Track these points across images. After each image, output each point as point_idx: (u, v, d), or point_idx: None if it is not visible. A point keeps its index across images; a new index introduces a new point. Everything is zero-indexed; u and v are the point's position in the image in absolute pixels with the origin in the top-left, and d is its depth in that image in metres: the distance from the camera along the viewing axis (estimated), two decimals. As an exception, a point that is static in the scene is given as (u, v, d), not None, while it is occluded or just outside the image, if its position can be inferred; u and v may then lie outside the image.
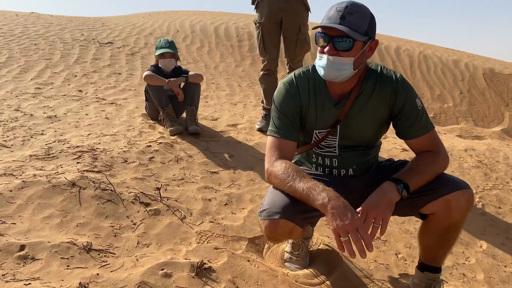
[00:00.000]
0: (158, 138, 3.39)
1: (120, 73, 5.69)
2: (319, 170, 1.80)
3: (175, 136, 3.49)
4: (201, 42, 8.16)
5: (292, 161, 1.87)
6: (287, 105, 1.68)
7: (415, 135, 1.64)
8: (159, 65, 3.80)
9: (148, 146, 3.15)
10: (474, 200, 1.57)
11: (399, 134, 1.70)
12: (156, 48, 3.85)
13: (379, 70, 1.66)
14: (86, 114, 3.86)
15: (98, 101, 4.35)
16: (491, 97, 6.33)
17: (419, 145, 1.66)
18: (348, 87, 1.65)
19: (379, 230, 1.44)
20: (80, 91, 4.66)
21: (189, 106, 3.73)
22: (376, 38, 1.58)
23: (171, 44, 3.81)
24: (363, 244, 1.32)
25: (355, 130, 1.68)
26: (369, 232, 1.41)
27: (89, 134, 3.30)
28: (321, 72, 1.58)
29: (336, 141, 1.71)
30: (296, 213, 1.54)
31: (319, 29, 1.54)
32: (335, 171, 1.76)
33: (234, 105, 5.14)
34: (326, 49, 1.51)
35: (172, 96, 3.78)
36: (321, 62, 1.55)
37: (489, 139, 5.25)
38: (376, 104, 1.64)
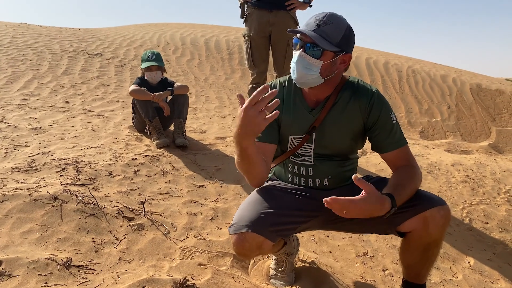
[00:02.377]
0: (145, 150, 3.35)
1: (108, 85, 5.65)
2: (295, 181, 1.79)
3: (162, 149, 3.45)
4: (191, 54, 8.16)
5: (270, 174, 1.88)
6: None
7: (389, 149, 1.67)
8: (145, 78, 3.78)
9: (134, 159, 3.11)
10: (450, 216, 1.57)
11: (374, 148, 1.73)
12: (142, 61, 3.83)
13: (356, 83, 1.71)
14: (72, 126, 3.81)
15: (85, 113, 4.30)
16: (478, 112, 6.39)
17: (394, 159, 1.68)
18: (323, 95, 1.69)
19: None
20: (67, 102, 4.61)
21: (177, 118, 3.70)
22: (351, 53, 1.63)
23: (157, 57, 3.80)
24: None
25: (330, 138, 1.70)
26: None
27: (74, 147, 3.25)
28: (293, 68, 1.63)
29: (311, 149, 1.73)
30: (265, 225, 1.53)
31: (297, 35, 1.61)
32: (310, 181, 1.76)
33: (223, 118, 5.12)
34: (299, 50, 1.60)
35: (159, 108, 3.75)
36: (293, 59, 1.63)
37: (477, 154, 5.28)
38: (351, 114, 1.68)
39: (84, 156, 3.04)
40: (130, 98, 5.00)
